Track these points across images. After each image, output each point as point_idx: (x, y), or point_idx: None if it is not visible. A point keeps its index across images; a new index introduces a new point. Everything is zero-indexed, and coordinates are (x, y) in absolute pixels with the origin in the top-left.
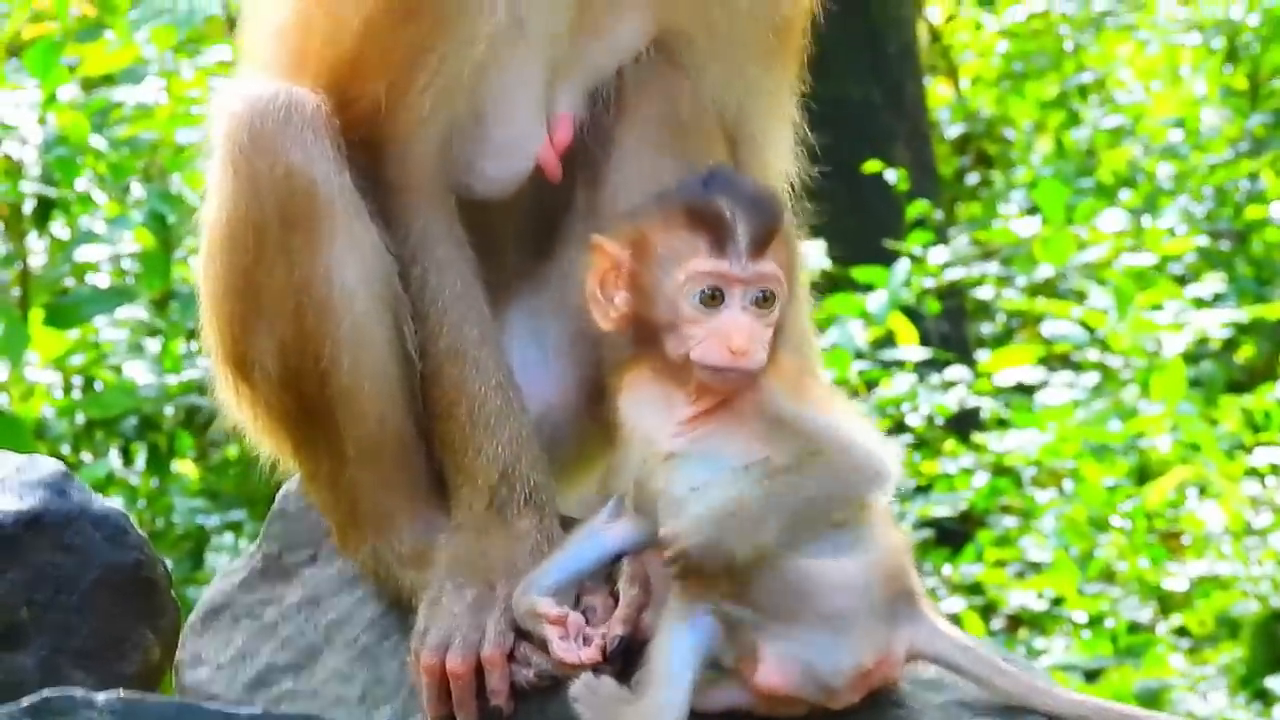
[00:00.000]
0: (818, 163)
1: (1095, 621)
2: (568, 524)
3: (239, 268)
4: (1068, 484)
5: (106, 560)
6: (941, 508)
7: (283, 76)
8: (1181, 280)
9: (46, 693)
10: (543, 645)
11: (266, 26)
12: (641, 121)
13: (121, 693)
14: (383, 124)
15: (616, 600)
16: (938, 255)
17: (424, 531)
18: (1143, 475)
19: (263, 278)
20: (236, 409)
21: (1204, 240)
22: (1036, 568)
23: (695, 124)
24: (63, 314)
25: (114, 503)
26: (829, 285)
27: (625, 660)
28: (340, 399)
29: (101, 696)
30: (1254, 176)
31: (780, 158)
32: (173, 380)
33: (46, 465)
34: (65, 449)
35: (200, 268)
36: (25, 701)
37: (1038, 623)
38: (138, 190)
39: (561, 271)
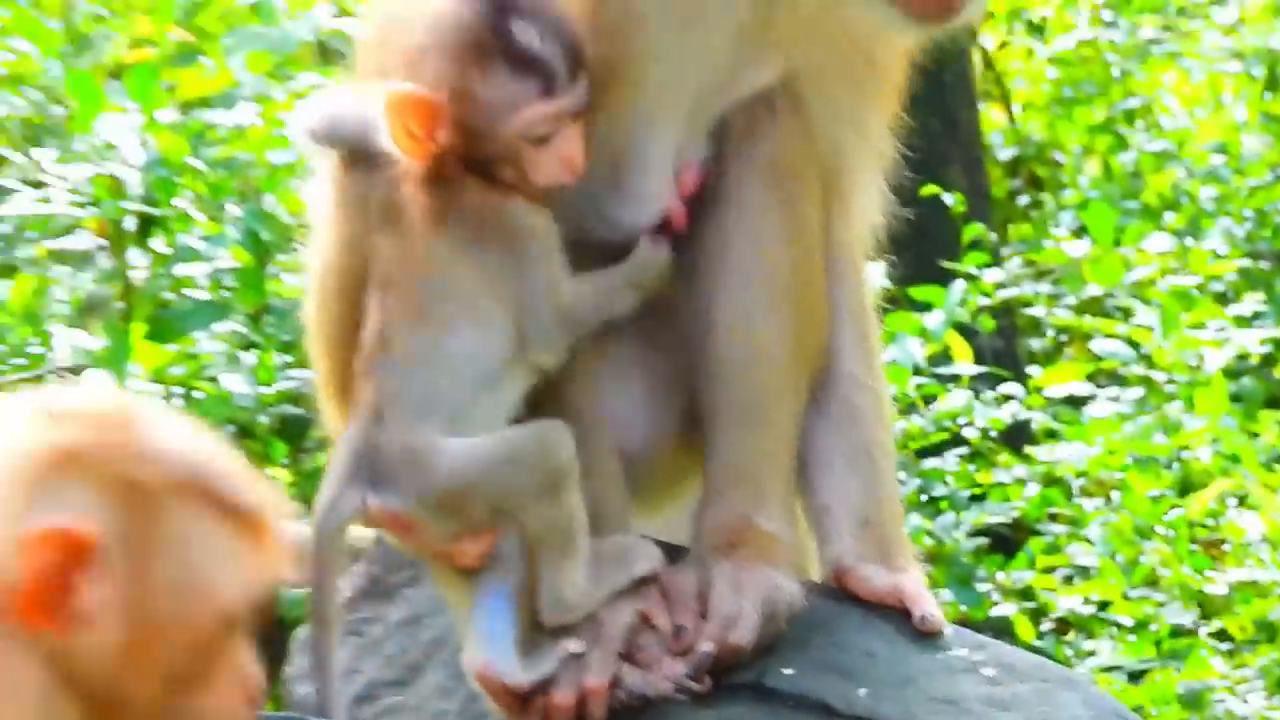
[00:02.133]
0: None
1: (1140, 625)
2: (662, 550)
3: (346, 310)
4: (1115, 494)
5: None
6: (995, 516)
7: None
8: (1223, 299)
9: None
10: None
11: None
12: (750, 160)
13: None
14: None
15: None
16: (992, 275)
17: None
18: (1185, 486)
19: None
20: (335, 428)
21: (1245, 261)
22: (1084, 573)
23: (799, 164)
24: (163, 328)
25: None
26: (889, 304)
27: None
28: None
29: None
30: None
31: (872, 202)
32: (267, 390)
33: None
34: None
35: (311, 302)
36: None
37: (1085, 626)
38: (233, 209)
39: (667, 308)
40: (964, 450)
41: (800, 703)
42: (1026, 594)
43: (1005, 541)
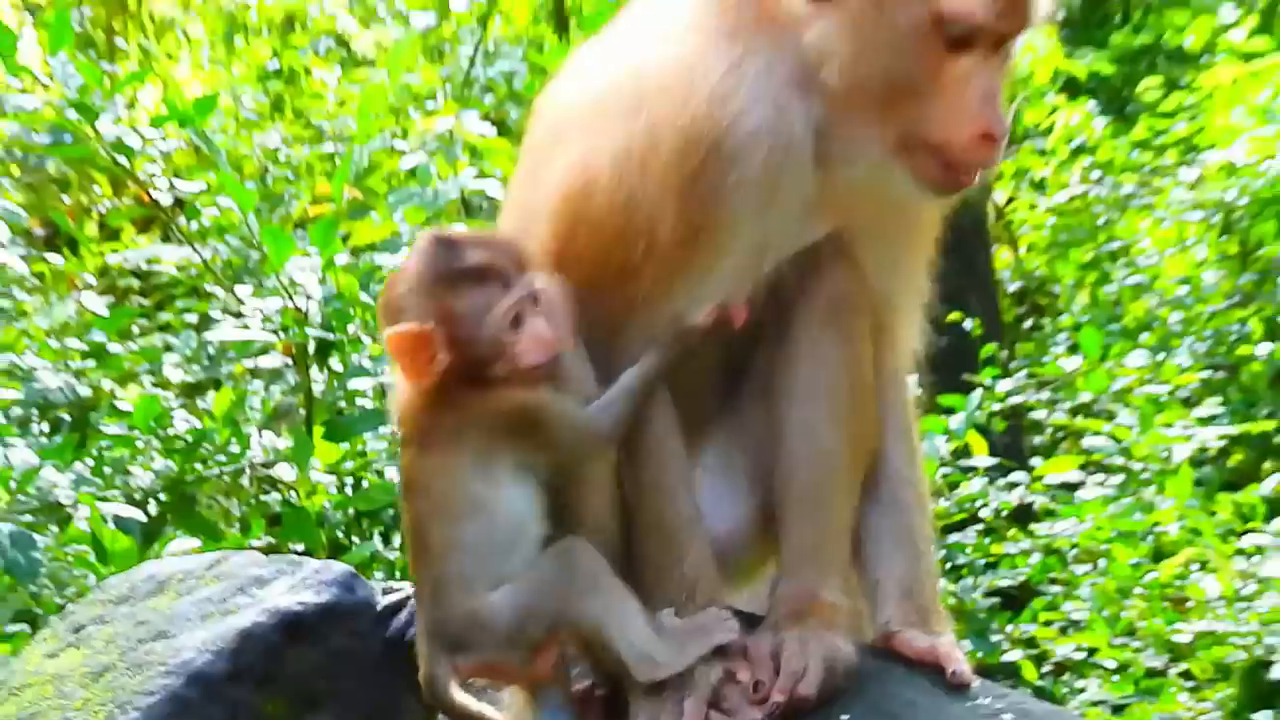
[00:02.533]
0: None
1: (1121, 668)
2: (743, 618)
3: None
4: (1101, 561)
5: (384, 643)
6: (1005, 580)
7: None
8: (1188, 403)
9: None
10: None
11: (526, 222)
12: (811, 298)
13: None
14: (627, 311)
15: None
16: (1003, 385)
17: None
18: (1158, 554)
19: None
20: None
21: (1206, 373)
22: (1076, 625)
23: (854, 304)
24: (338, 430)
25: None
26: (922, 410)
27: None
28: (570, 527)
29: None
30: (1243, 322)
31: (913, 333)
32: None
33: (339, 568)
34: (340, 534)
35: None
36: None
37: (1077, 669)
38: None
39: (743, 419)
40: (980, 526)
41: None
42: (1031, 643)
43: (1013, 600)
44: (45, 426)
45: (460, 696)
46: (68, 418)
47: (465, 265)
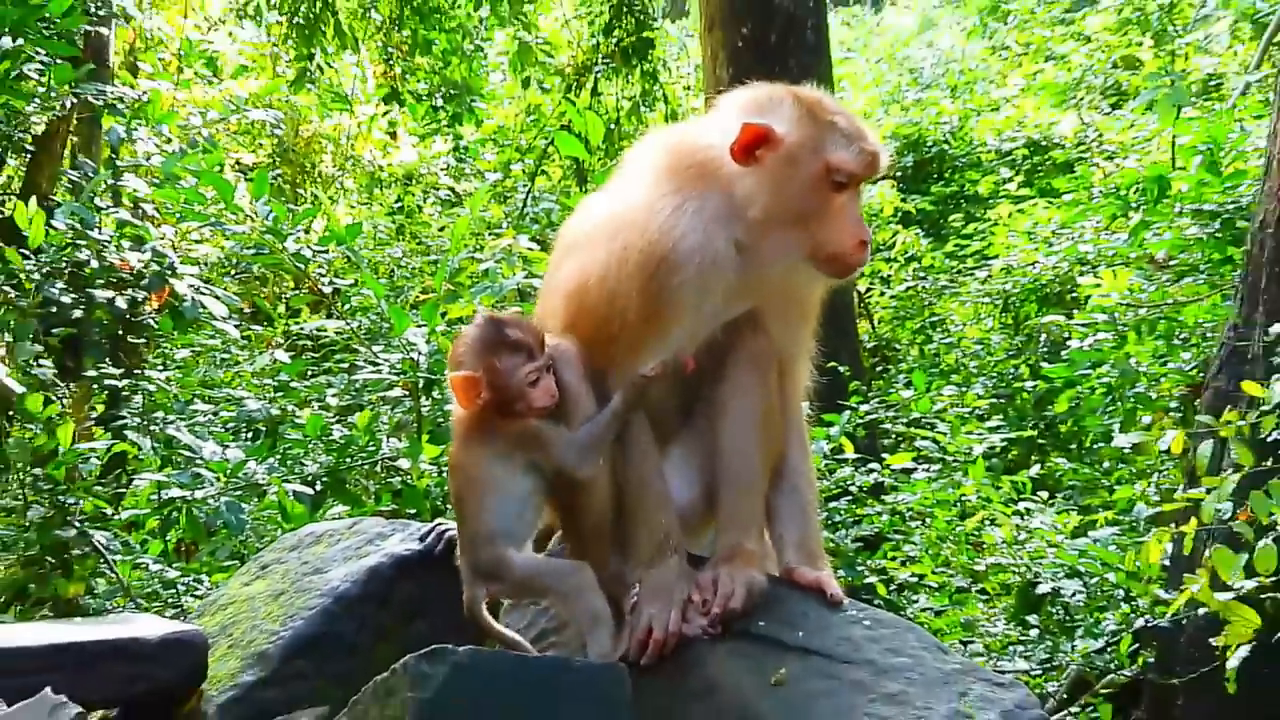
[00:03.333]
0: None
1: (940, 587)
2: (694, 560)
3: None
4: (927, 520)
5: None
6: (865, 532)
7: (559, 332)
8: (981, 418)
9: (434, 648)
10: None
11: (551, 304)
12: (737, 352)
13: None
14: (611, 364)
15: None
16: (864, 408)
17: (617, 566)
18: (963, 514)
19: None
20: None
21: (993, 399)
22: (911, 560)
23: (765, 355)
24: (437, 437)
25: None
26: (811, 423)
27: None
28: (582, 505)
29: (463, 649)
30: (1015, 367)
31: (804, 373)
32: None
33: (421, 526)
34: (439, 504)
35: None
36: (422, 652)
37: (912, 589)
38: None
39: (695, 430)
40: (849, 498)
41: (767, 640)
42: (882, 572)
43: (870, 544)
44: (250, 435)
45: (488, 618)
46: (264, 429)
47: (506, 338)
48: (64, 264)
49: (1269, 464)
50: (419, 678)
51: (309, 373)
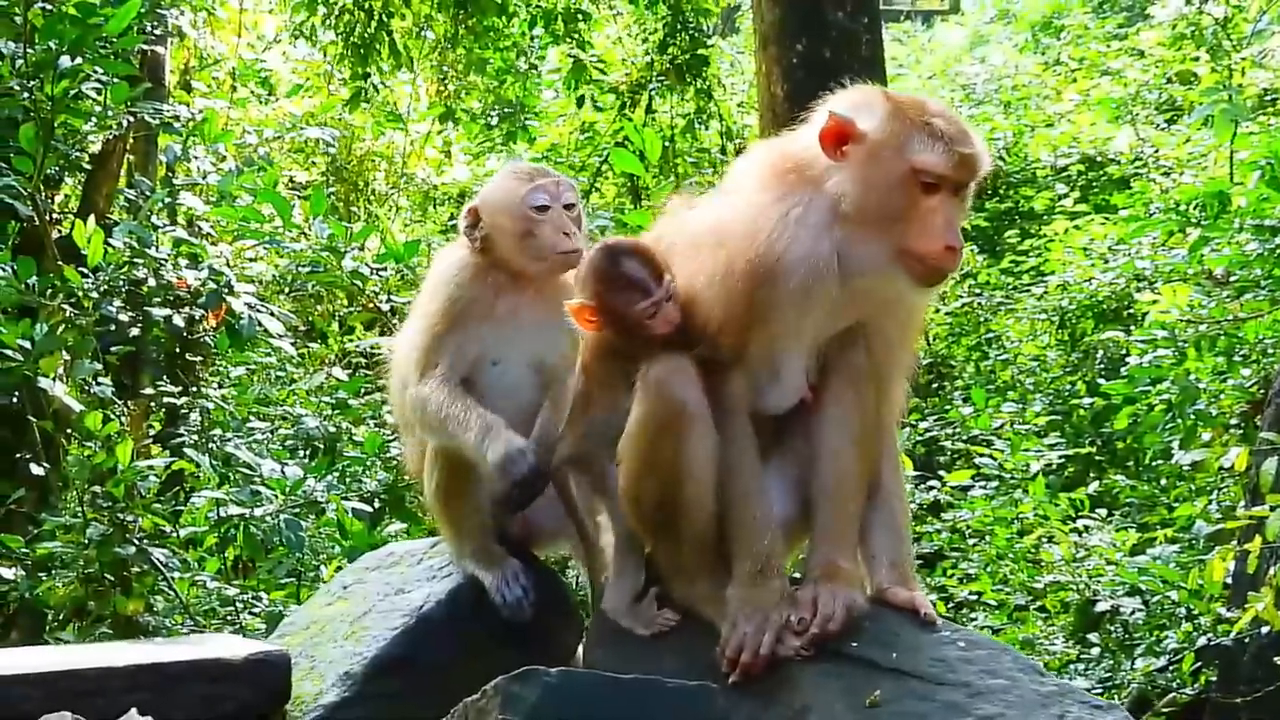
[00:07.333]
0: None
1: (999, 605)
2: (793, 581)
3: (642, 446)
4: (986, 537)
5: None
6: (925, 549)
7: None
8: (1039, 435)
9: (526, 669)
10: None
11: None
12: (837, 368)
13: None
14: (726, 376)
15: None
16: (923, 425)
17: (715, 584)
18: (1022, 532)
19: (655, 453)
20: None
21: (1051, 416)
22: (970, 578)
23: (864, 371)
24: None
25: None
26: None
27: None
28: (684, 513)
29: (555, 670)
30: (1073, 384)
31: (901, 391)
32: None
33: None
34: None
35: (623, 446)
36: (514, 673)
37: (971, 606)
38: None
39: (795, 446)
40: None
41: (860, 661)
42: (942, 589)
43: (931, 560)
44: (308, 452)
45: (573, 490)
46: (322, 447)
47: (619, 272)
48: (121, 282)
49: None
50: (511, 699)
51: (364, 390)
